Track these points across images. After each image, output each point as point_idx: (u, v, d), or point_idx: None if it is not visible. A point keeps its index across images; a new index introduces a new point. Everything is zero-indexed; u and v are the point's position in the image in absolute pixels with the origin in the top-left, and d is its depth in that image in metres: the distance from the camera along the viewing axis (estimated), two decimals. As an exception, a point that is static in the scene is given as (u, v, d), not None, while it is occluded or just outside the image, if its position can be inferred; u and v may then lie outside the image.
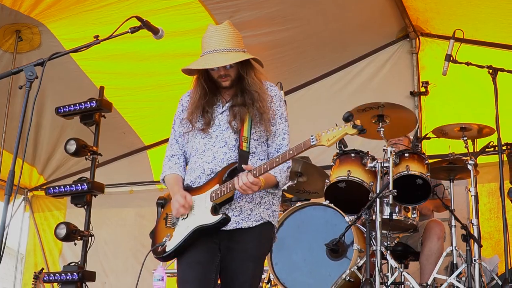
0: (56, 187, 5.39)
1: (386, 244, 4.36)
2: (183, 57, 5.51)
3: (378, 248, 4.11)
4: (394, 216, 4.33)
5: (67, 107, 5.41)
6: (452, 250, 4.35)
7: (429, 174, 4.39)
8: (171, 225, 2.91)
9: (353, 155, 4.56)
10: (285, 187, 4.92)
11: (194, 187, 2.91)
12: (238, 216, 2.85)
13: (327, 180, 4.60)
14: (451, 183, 4.67)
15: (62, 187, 5.33)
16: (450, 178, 4.66)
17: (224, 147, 2.89)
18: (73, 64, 5.74)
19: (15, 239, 7.50)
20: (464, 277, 4.15)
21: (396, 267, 4.15)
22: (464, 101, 6.09)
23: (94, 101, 5.33)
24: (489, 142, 4.53)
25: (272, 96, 2.98)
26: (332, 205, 4.43)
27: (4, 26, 5.31)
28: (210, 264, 2.82)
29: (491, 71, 4.27)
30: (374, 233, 4.18)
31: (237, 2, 5.29)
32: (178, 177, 3.01)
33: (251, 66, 2.95)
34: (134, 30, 2.88)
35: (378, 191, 4.23)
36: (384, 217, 4.27)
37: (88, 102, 5.36)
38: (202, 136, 2.94)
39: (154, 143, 7.14)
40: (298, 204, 4.62)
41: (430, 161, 4.57)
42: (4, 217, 2.47)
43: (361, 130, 2.54)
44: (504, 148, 4.45)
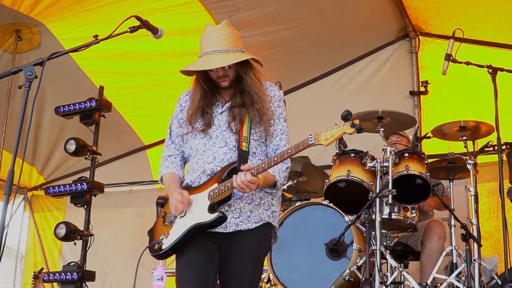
0: (56, 187, 5.38)
1: (386, 244, 4.36)
2: (183, 57, 5.51)
3: (378, 248, 4.11)
4: (394, 216, 4.33)
5: (67, 107, 5.41)
6: (452, 250, 4.35)
7: (429, 174, 4.40)
8: (169, 223, 2.90)
9: (353, 155, 4.56)
10: (285, 187, 4.92)
11: (194, 187, 2.90)
12: (238, 218, 2.84)
13: (327, 180, 4.60)
14: (451, 183, 4.67)
15: (62, 187, 5.32)
16: (450, 178, 4.67)
17: (225, 147, 2.88)
18: (73, 64, 5.74)
19: (15, 239, 7.50)
20: (464, 277, 4.15)
21: (396, 267, 4.15)
22: (464, 101, 6.09)
23: (94, 101, 5.33)
24: (489, 142, 4.52)
25: (272, 96, 2.97)
26: (332, 205, 4.42)
27: (4, 26, 5.31)
28: (209, 264, 2.81)
29: (491, 71, 4.27)
30: (374, 233, 4.18)
31: (236, 2, 5.29)
32: (175, 176, 3.01)
33: (250, 66, 2.93)
34: (134, 30, 2.88)
35: (378, 191, 4.23)
36: (384, 217, 4.27)
37: (88, 102, 5.35)
38: (202, 137, 2.93)
39: (154, 143, 7.13)
40: (298, 204, 4.61)
41: (430, 161, 4.58)
42: (4, 217, 2.47)
43: (359, 129, 2.53)
44: (504, 148, 4.44)
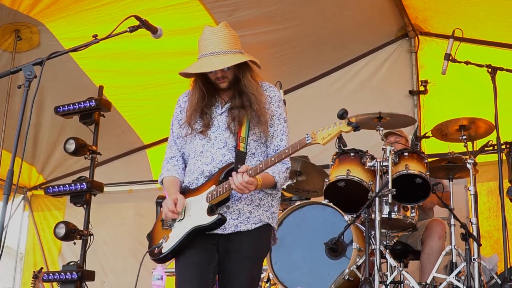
0: (55, 186, 5.38)
1: (385, 243, 4.36)
2: (182, 56, 5.52)
3: (377, 247, 4.11)
4: (393, 215, 4.33)
5: (66, 107, 5.40)
6: (452, 249, 4.35)
7: (428, 173, 4.40)
8: (168, 227, 2.89)
9: (353, 154, 4.56)
10: (284, 186, 4.92)
11: (192, 189, 2.89)
12: (237, 219, 2.83)
13: (327, 179, 4.60)
14: (451, 182, 4.67)
15: (61, 186, 5.32)
16: (450, 177, 4.67)
17: (223, 149, 2.87)
18: (73, 63, 5.74)
19: (15, 239, 7.50)
20: (464, 276, 4.15)
21: (395, 266, 4.15)
22: (463, 100, 6.09)
23: (93, 101, 5.32)
24: (488, 141, 4.52)
25: (271, 97, 2.97)
26: (331, 204, 4.42)
27: (3, 26, 5.30)
28: (208, 265, 2.80)
29: (490, 70, 4.26)
30: (373, 232, 4.18)
31: (236, 1, 5.28)
32: (175, 180, 3.00)
33: (248, 68, 2.92)
34: (133, 30, 2.87)
35: (377, 190, 4.23)
36: (383, 216, 4.27)
37: (87, 102, 5.34)
38: (201, 138, 2.92)
39: (153, 142, 7.13)
40: (297, 203, 4.61)
41: (429, 160, 4.58)
42: (3, 217, 2.46)
43: (356, 128, 2.53)
44: (503, 147, 4.44)
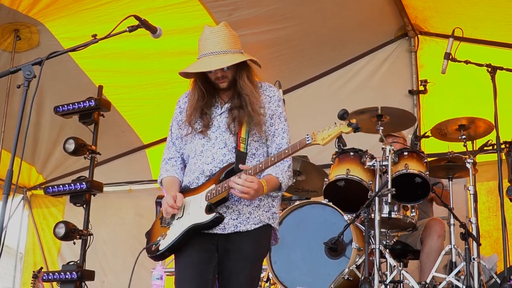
0: (55, 186, 5.38)
1: (385, 243, 4.36)
2: (182, 55, 5.52)
3: (377, 247, 4.11)
4: (393, 215, 4.33)
5: (66, 106, 5.40)
6: (451, 249, 4.35)
7: (428, 173, 4.39)
8: (166, 225, 2.89)
9: (352, 154, 4.55)
10: (283, 186, 4.92)
11: (192, 188, 2.89)
12: (236, 220, 2.82)
13: (326, 179, 4.60)
14: (450, 182, 4.67)
15: (61, 186, 5.32)
16: (449, 177, 4.67)
17: (224, 149, 2.87)
18: (72, 63, 5.73)
19: (14, 238, 7.50)
20: (463, 276, 4.15)
21: (395, 266, 4.15)
22: (463, 100, 6.09)
23: (93, 100, 5.32)
24: (488, 141, 4.51)
25: (271, 97, 2.97)
26: (331, 204, 4.42)
27: (3, 25, 5.30)
28: (208, 265, 2.80)
29: (490, 70, 4.26)
30: (373, 232, 4.18)
31: (236, 1, 5.28)
32: (175, 180, 3.00)
33: (245, 69, 2.92)
34: (132, 29, 2.87)
35: (377, 190, 4.23)
36: (383, 216, 4.27)
37: (87, 101, 5.34)
38: (201, 138, 2.93)
39: (153, 142, 7.14)
40: (297, 203, 4.61)
41: (429, 160, 4.57)
42: (3, 216, 2.46)
43: (356, 128, 2.53)
44: (503, 147, 4.44)
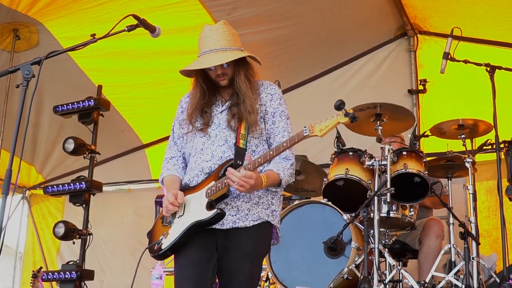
0: (55, 186, 5.39)
1: (384, 242, 4.36)
2: (181, 55, 5.52)
3: (376, 246, 4.11)
4: (392, 214, 4.33)
5: (65, 106, 5.41)
6: (450, 248, 4.35)
7: (427, 172, 4.39)
8: (167, 224, 2.89)
9: (351, 154, 4.55)
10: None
11: (192, 186, 2.89)
12: (235, 216, 2.83)
13: (325, 179, 4.60)
14: (449, 181, 4.67)
15: (61, 186, 5.33)
16: (448, 176, 4.67)
17: (224, 146, 2.87)
18: (71, 62, 5.74)
19: (14, 238, 7.50)
20: (462, 275, 4.15)
21: (394, 265, 4.15)
22: (462, 99, 6.09)
23: (92, 100, 5.32)
24: (487, 140, 4.51)
25: (272, 95, 2.97)
26: (330, 203, 4.42)
27: (2, 25, 5.30)
28: (207, 264, 2.80)
29: (489, 69, 4.26)
30: (372, 231, 4.18)
31: (235, 0, 5.28)
32: (176, 178, 3.00)
33: (244, 67, 2.92)
34: (131, 29, 2.88)
35: (376, 189, 4.23)
36: (382, 215, 4.28)
37: (86, 101, 5.34)
38: (201, 136, 2.93)
39: (152, 142, 7.14)
40: (296, 202, 4.61)
41: (428, 159, 4.57)
42: (2, 216, 2.46)
43: (353, 118, 2.51)
44: (502, 146, 4.43)
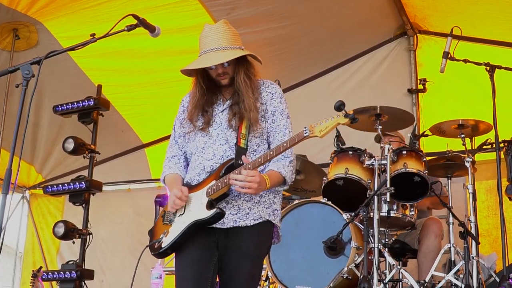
0: (54, 186, 5.38)
1: (384, 242, 4.36)
2: (181, 54, 5.52)
3: (376, 246, 4.11)
4: (392, 214, 4.33)
5: (65, 106, 5.40)
6: (450, 248, 4.35)
7: (427, 172, 4.39)
8: (168, 222, 2.89)
9: (351, 153, 4.55)
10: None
11: (193, 185, 2.90)
12: (236, 215, 2.83)
13: (325, 178, 4.60)
14: (449, 181, 4.67)
15: (60, 186, 5.32)
16: (448, 176, 4.67)
17: (225, 145, 2.88)
18: (71, 62, 5.74)
19: (14, 238, 7.50)
20: (462, 274, 4.15)
21: (394, 265, 4.15)
22: (462, 98, 6.10)
23: (92, 100, 5.32)
24: (487, 140, 4.51)
25: (273, 93, 2.97)
26: (330, 203, 4.42)
27: (2, 25, 5.30)
28: (208, 263, 2.80)
29: (489, 69, 4.26)
30: (372, 231, 4.18)
31: (234, -1, 5.30)
32: (177, 176, 3.01)
33: (244, 66, 2.92)
34: (131, 28, 2.88)
35: (376, 189, 4.23)
36: (382, 215, 4.28)
37: (86, 101, 5.34)
38: (202, 135, 2.93)
39: (152, 141, 7.14)
40: (296, 202, 4.61)
41: (428, 159, 4.57)
42: (2, 216, 2.46)
43: (353, 119, 2.51)
44: (502, 146, 4.43)
